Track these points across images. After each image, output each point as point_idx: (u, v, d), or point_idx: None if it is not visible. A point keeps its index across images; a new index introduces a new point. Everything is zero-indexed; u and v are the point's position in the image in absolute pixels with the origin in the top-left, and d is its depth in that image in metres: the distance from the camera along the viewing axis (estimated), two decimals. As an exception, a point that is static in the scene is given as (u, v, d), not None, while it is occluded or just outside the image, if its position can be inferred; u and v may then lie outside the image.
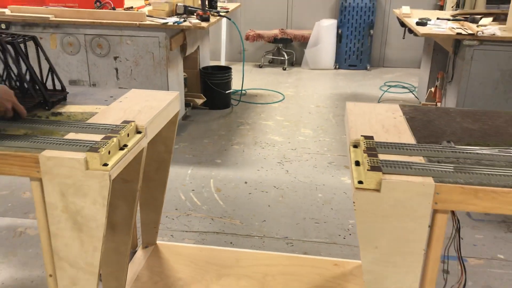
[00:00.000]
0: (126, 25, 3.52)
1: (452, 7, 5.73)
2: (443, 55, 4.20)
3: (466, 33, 3.33)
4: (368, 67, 6.50)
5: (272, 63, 6.72)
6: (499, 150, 1.57)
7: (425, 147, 1.58)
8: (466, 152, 1.54)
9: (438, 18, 3.94)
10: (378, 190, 1.38)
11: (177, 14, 3.83)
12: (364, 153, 1.50)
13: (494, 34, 3.30)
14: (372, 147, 1.55)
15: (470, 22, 3.71)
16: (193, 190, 3.11)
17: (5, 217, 2.74)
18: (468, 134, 1.72)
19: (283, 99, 5.08)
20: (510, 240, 2.63)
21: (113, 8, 3.72)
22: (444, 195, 1.37)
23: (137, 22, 3.49)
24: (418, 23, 3.70)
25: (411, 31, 4.01)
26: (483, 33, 3.31)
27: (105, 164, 1.47)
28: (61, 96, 1.91)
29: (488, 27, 3.48)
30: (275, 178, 3.28)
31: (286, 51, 6.52)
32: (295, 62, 6.68)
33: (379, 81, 5.90)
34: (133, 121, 1.71)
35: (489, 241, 2.62)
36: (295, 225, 2.73)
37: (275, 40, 6.30)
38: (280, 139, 3.96)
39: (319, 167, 3.47)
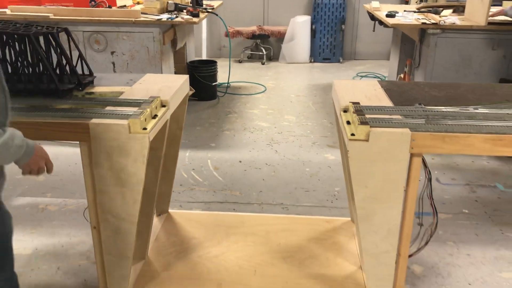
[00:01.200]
0: (122, 22, 3.80)
1: (416, 1, 6.20)
2: (410, 45, 4.63)
3: (430, 23, 3.76)
4: (341, 60, 6.93)
5: (251, 58, 7.07)
6: (460, 109, 1.96)
7: (401, 108, 1.95)
8: (434, 111, 1.92)
9: (405, 11, 4.37)
10: (367, 140, 1.74)
11: (168, 11, 4.13)
12: (354, 113, 1.87)
13: (454, 23, 3.74)
14: (359, 109, 1.91)
15: (433, 13, 4.14)
16: (193, 169, 3.42)
17: (25, 197, 2.99)
18: (435, 99, 2.11)
19: (265, 90, 5.43)
20: (473, 198, 3.06)
21: (109, 7, 4.00)
22: (418, 141, 1.74)
23: (133, 19, 3.77)
24: (387, 15, 4.11)
25: (381, 23, 4.43)
26: (444, 22, 3.74)
27: (144, 128, 1.79)
28: (90, 79, 2.21)
29: (448, 17, 3.92)
30: (266, 157, 3.63)
31: (264, 46, 6.89)
32: (273, 56, 7.05)
33: (351, 72, 6.32)
34: (159, 97, 2.03)
35: (455, 200, 3.04)
36: (288, 194, 3.08)
37: (253, 36, 6.66)
38: (266, 125, 4.31)
39: (304, 147, 3.84)
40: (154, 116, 1.91)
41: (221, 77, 5.32)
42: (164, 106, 2.04)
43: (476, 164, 3.56)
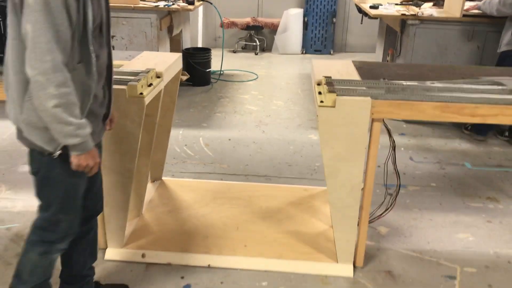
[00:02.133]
0: (122, 8, 4.05)
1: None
2: (394, 36, 4.91)
3: (409, 14, 4.03)
4: (332, 52, 7.20)
5: (245, 48, 7.34)
6: (418, 83, 2.23)
7: (367, 81, 2.23)
8: (395, 84, 2.20)
9: (388, 3, 4.64)
10: (333, 107, 2.01)
11: (165, -1, 4.38)
12: (325, 85, 2.14)
13: (431, 15, 4.01)
14: (330, 82, 2.18)
15: (414, 6, 4.41)
16: (185, 145, 3.69)
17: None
18: (399, 76, 2.38)
19: (257, 78, 5.70)
20: (442, 174, 3.34)
21: (110, -7, 4.24)
22: (377, 108, 2.01)
23: (132, 5, 4.03)
24: (371, 7, 4.38)
25: (366, 14, 4.70)
26: (422, 14, 4.01)
27: (141, 93, 2.05)
28: (93, 53, 2.46)
29: (427, 9, 4.20)
30: (253, 136, 3.90)
31: (258, 37, 7.15)
32: (266, 47, 7.31)
33: (341, 63, 6.59)
34: (154, 69, 2.29)
35: (425, 175, 3.32)
36: (272, 167, 3.36)
37: (247, 27, 6.92)
38: (256, 109, 4.58)
39: (290, 128, 4.11)
40: (150, 85, 2.18)
41: (215, 65, 5.58)
42: (158, 77, 2.30)
43: (448, 146, 3.84)
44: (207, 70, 5.24)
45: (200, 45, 6.81)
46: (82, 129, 1.53)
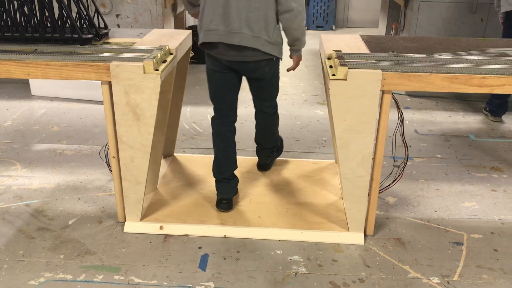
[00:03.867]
0: (126, -14, 4.06)
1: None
2: (397, 10, 4.91)
3: (413, -12, 4.05)
4: (334, 28, 7.19)
5: (246, 26, 7.31)
6: (426, 55, 2.28)
7: (376, 54, 2.27)
8: (404, 56, 2.24)
9: (391, -23, 4.64)
10: (345, 79, 2.06)
11: (169, -23, 4.37)
12: (335, 58, 2.18)
13: (435, -12, 4.02)
14: (341, 56, 2.23)
15: (418, -21, 4.41)
16: (194, 122, 3.75)
17: (43, 143, 3.32)
18: (407, 48, 2.43)
19: (260, 54, 5.71)
20: (446, 146, 3.40)
21: (114, -28, 4.24)
22: (388, 80, 2.07)
23: (137, -17, 4.03)
24: (375, -19, 4.38)
25: (369, -11, 4.69)
26: (427, -13, 4.02)
27: (156, 70, 2.10)
28: (106, 31, 2.51)
29: (431, -17, 4.20)
30: (260, 112, 3.94)
31: (259, 14, 7.12)
32: (268, 24, 7.28)
33: (343, 39, 6.59)
34: (167, 45, 2.33)
35: (430, 147, 3.39)
36: (281, 142, 3.42)
37: (249, 4, 6.88)
38: (261, 85, 4.61)
39: (296, 104, 4.16)
40: (164, 61, 2.23)
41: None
42: (171, 54, 2.34)
43: (452, 118, 3.90)
44: (211, 47, 5.25)
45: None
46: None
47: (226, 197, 2.51)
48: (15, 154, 3.17)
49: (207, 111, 3.95)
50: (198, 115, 3.88)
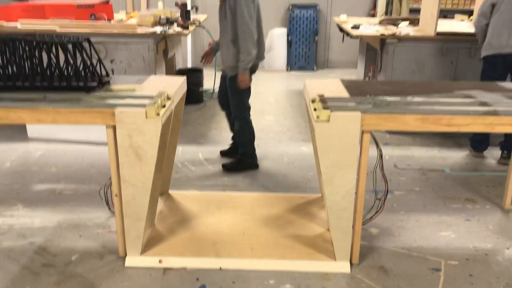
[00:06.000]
0: (121, 34, 4.31)
1: (381, 15, 6.88)
2: (373, 53, 5.25)
3: (387, 34, 4.38)
4: (315, 68, 7.55)
5: (232, 67, 7.63)
6: (400, 98, 2.54)
7: (355, 98, 2.52)
8: (381, 99, 2.50)
9: (368, 23, 4.99)
10: (328, 121, 2.29)
11: (160, 24, 4.65)
12: (319, 102, 2.43)
13: (408, 34, 4.36)
14: (324, 99, 2.47)
15: (392, 25, 4.77)
16: (186, 160, 3.94)
17: (43, 184, 3.46)
18: (384, 92, 2.69)
19: (246, 95, 5.98)
20: (424, 179, 3.64)
21: (109, 20, 4.51)
22: (366, 121, 2.30)
23: (131, 31, 4.29)
24: (352, 27, 4.72)
25: (348, 34, 5.04)
26: (400, 33, 4.36)
27: (157, 114, 2.31)
28: (108, 79, 2.72)
29: (404, 28, 4.55)
30: (249, 150, 4.16)
31: (244, 56, 7.45)
32: (253, 66, 7.62)
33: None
34: (165, 91, 2.55)
35: (409, 181, 3.62)
36: (269, 178, 3.62)
37: (234, 47, 7.21)
38: (248, 124, 4.85)
39: (283, 142, 4.39)
40: (163, 106, 2.44)
41: (206, 84, 5.85)
42: (169, 99, 2.56)
43: (428, 153, 4.16)
44: (200, 89, 5.51)
45: (189, 65, 7.08)
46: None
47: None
48: (15, 195, 3.30)
49: (198, 150, 4.15)
50: (189, 154, 4.07)
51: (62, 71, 2.55)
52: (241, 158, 3.79)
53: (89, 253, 2.64)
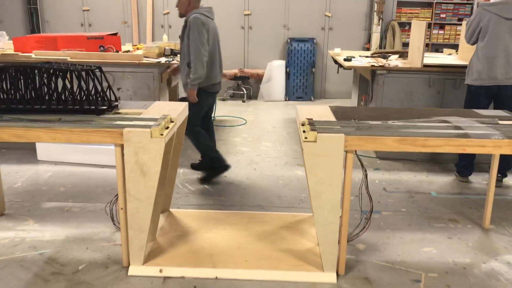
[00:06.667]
0: (128, 64, 4.62)
1: (376, 48, 7.23)
2: (366, 84, 5.55)
3: (377, 65, 4.68)
4: (312, 98, 7.86)
5: (233, 97, 7.96)
6: (382, 122, 2.79)
7: (341, 122, 2.78)
8: (363, 123, 2.75)
9: (360, 56, 5.31)
10: (315, 141, 2.54)
11: (165, 55, 4.98)
12: (307, 125, 2.68)
13: (397, 66, 4.66)
14: (312, 122, 2.73)
15: (382, 58, 5.08)
16: (186, 182, 4.17)
17: (52, 202, 3.69)
18: (367, 117, 2.95)
19: (246, 123, 6.27)
20: (411, 201, 3.86)
21: (117, 51, 4.83)
22: (349, 142, 2.55)
23: (137, 61, 4.60)
24: (345, 59, 5.03)
25: (341, 66, 5.34)
26: (389, 65, 4.66)
27: (161, 134, 2.56)
28: (116, 103, 2.99)
29: (393, 61, 4.86)
30: (246, 173, 4.40)
31: (245, 86, 7.79)
32: (252, 95, 7.95)
33: (321, 109, 7.23)
34: (168, 115, 2.82)
35: (397, 202, 3.84)
36: (264, 199, 3.85)
37: (235, 77, 7.57)
38: (247, 149, 5.10)
39: (278, 166, 4.63)
40: (167, 127, 2.70)
41: (208, 111, 6.14)
42: (172, 121, 2.82)
43: (416, 178, 4.39)
44: (201, 116, 5.79)
45: (192, 94, 7.40)
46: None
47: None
48: (26, 211, 3.53)
49: (198, 172, 4.38)
50: (190, 175, 4.31)
51: (76, 96, 2.83)
52: (210, 166, 4.16)
53: (95, 263, 2.85)
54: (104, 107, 2.85)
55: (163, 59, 4.74)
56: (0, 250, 2.97)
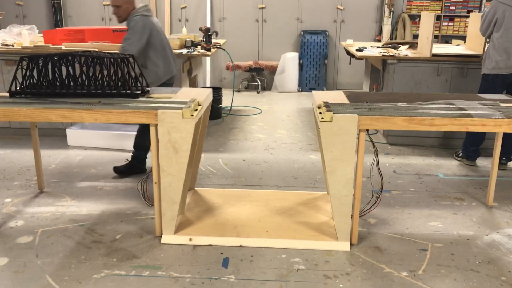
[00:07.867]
0: (152, 55, 4.89)
1: (387, 39, 7.43)
2: (377, 74, 5.78)
3: (388, 55, 4.91)
4: (325, 89, 8.10)
5: (247, 88, 8.23)
6: (391, 104, 3.04)
7: (354, 104, 3.04)
8: (375, 105, 3.01)
9: (371, 46, 5.54)
10: (331, 121, 2.80)
11: (186, 47, 5.25)
12: (323, 107, 2.94)
13: (407, 55, 4.89)
14: (327, 105, 2.99)
15: (393, 48, 5.31)
16: (208, 165, 4.46)
17: (85, 182, 4.00)
18: (378, 100, 3.20)
19: (261, 112, 6.54)
20: (419, 182, 4.11)
21: (141, 43, 5.11)
22: (362, 121, 2.81)
23: (160, 52, 4.87)
24: (357, 50, 5.27)
25: (353, 56, 5.58)
26: (399, 54, 4.89)
27: (192, 115, 2.84)
28: (148, 89, 3.27)
29: (403, 51, 5.09)
30: (264, 157, 4.68)
31: (259, 78, 8.06)
32: (266, 87, 8.21)
33: (333, 99, 7.47)
34: (196, 99, 3.10)
35: (406, 183, 4.09)
36: (281, 180, 4.12)
37: (250, 69, 7.83)
38: (263, 136, 5.38)
39: (294, 151, 4.90)
40: (196, 110, 2.97)
41: (224, 102, 6.42)
42: (200, 105, 3.10)
43: (425, 161, 4.63)
44: (219, 106, 6.07)
45: (208, 85, 7.69)
46: None
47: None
48: (63, 189, 3.84)
49: (218, 156, 4.67)
50: (211, 159, 4.59)
51: (113, 81, 3.12)
52: (133, 162, 4.12)
53: (130, 233, 3.15)
54: (138, 92, 3.14)
55: (184, 50, 5.02)
56: (44, 222, 3.28)
